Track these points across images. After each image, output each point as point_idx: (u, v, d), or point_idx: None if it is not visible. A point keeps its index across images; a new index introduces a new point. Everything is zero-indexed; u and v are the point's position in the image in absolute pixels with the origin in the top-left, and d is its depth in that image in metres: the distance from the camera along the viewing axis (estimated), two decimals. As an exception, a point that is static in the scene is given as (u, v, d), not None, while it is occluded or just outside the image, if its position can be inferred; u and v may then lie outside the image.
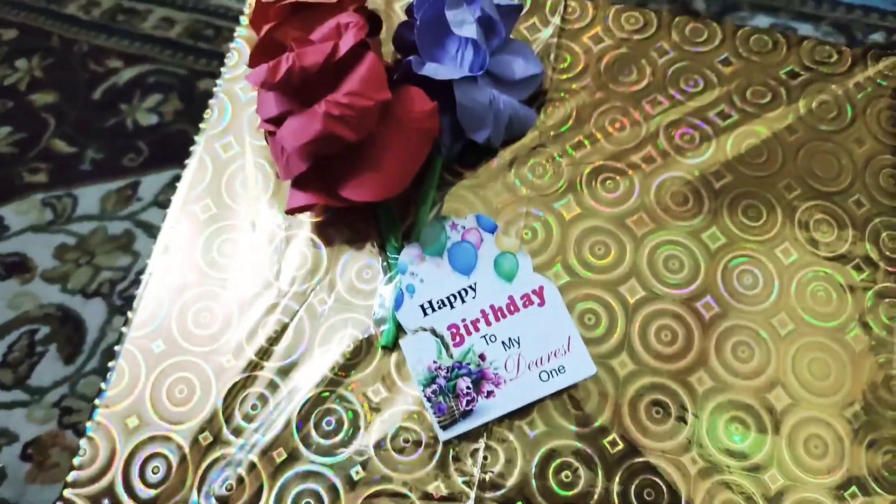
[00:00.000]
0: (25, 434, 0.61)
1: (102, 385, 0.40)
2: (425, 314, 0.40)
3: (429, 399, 0.38)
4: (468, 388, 0.38)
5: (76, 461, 0.39)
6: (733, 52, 0.48)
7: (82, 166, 0.75)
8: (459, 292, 0.40)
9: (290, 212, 0.40)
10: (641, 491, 0.37)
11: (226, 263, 0.43)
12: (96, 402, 0.40)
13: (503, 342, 0.39)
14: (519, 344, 0.39)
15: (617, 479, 0.37)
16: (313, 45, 0.35)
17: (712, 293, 0.41)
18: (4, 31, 0.83)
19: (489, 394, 0.38)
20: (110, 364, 0.41)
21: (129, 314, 0.42)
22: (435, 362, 0.39)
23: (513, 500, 0.37)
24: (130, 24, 0.83)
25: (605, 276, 0.41)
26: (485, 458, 0.38)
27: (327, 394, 0.39)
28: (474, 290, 0.40)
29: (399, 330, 0.40)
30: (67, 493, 0.38)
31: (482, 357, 0.39)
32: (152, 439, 0.39)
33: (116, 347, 0.41)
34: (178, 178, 0.44)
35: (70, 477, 0.38)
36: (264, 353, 0.40)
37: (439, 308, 0.40)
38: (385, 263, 0.42)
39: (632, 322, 0.40)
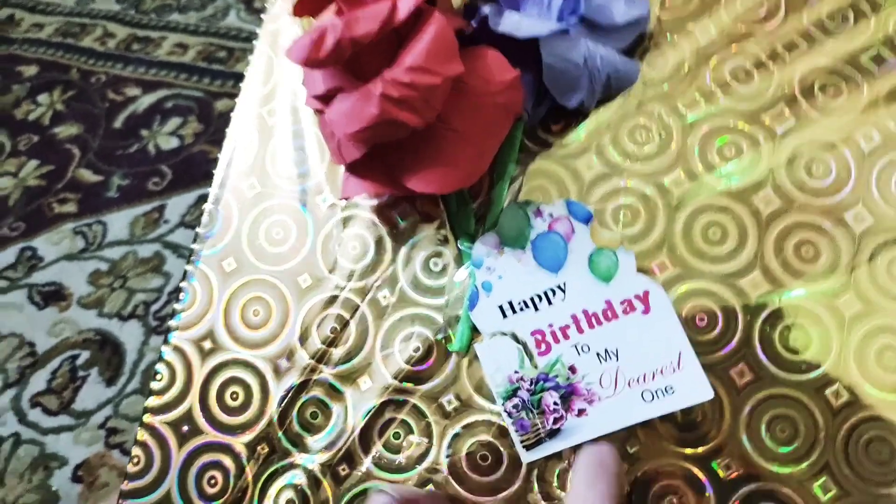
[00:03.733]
0: (74, 457, 0.64)
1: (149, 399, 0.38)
2: (504, 316, 0.34)
3: (509, 414, 0.34)
4: (556, 403, 0.33)
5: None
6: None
7: (109, 193, 0.78)
8: (546, 293, 0.34)
9: (346, 198, 0.35)
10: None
11: (274, 251, 0.38)
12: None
13: (598, 354, 0.33)
14: (617, 357, 0.33)
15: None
16: (365, 7, 0.28)
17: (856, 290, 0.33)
18: (25, 67, 0.88)
19: (581, 412, 0.33)
20: (157, 366, 0.38)
21: (177, 306, 0.38)
22: (516, 372, 0.34)
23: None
24: (145, 52, 0.87)
25: (720, 268, 0.34)
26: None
27: (394, 403, 0.35)
28: (563, 290, 0.34)
29: (474, 332, 0.35)
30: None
31: (572, 369, 0.33)
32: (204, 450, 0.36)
33: (164, 346, 0.38)
34: (203, 197, 0.39)
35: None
36: (322, 356, 0.36)
37: (521, 310, 0.34)
38: (457, 253, 0.36)
39: (752, 327, 0.33)
